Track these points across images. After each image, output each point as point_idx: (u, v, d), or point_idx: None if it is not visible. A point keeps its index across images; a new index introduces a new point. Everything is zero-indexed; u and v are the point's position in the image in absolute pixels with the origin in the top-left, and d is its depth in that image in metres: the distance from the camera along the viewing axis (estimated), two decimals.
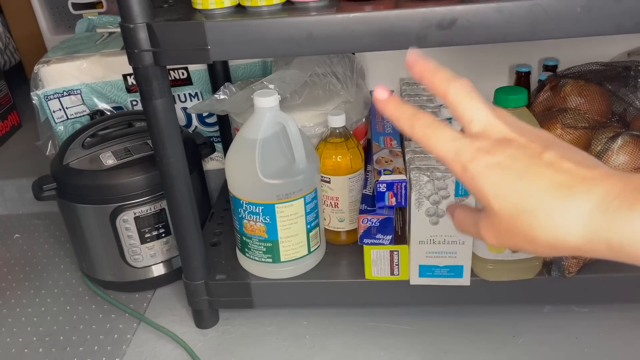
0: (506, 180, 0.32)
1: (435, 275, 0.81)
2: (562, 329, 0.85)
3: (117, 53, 1.10)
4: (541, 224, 0.31)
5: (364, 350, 0.85)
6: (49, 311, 0.99)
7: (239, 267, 0.88)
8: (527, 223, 0.32)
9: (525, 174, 0.32)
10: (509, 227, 0.33)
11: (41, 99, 1.10)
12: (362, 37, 0.64)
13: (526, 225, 0.32)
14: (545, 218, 0.31)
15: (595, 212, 0.30)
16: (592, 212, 0.30)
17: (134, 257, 0.95)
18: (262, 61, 1.10)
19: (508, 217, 0.33)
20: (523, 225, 0.32)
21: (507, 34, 0.64)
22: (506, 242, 0.34)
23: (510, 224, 0.33)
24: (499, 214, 0.33)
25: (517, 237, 0.33)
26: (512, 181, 0.32)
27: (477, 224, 0.36)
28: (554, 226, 0.31)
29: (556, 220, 0.31)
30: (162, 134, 0.73)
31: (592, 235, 0.30)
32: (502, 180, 0.32)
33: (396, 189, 0.77)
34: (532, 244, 0.32)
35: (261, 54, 0.72)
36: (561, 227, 0.31)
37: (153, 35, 0.66)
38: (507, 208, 0.32)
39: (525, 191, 0.32)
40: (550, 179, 0.31)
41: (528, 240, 0.32)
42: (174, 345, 0.88)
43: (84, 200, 0.91)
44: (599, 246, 0.30)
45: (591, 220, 0.30)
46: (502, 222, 0.33)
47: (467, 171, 0.34)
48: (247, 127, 0.79)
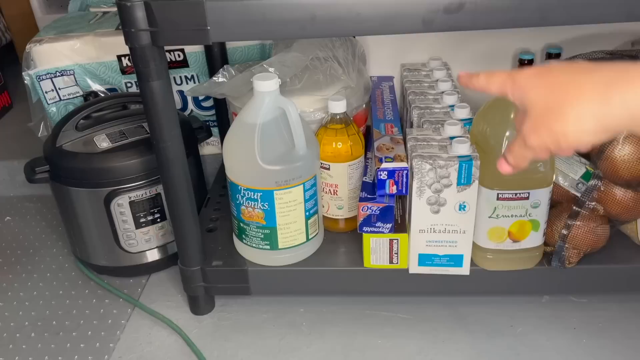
0: (544, 79, 0.43)
1: (434, 264, 0.81)
2: (560, 319, 0.85)
3: (111, 33, 1.07)
4: (569, 99, 0.40)
5: (361, 338, 0.84)
6: (42, 296, 0.97)
7: (235, 254, 0.87)
8: (558, 102, 0.40)
9: (557, 74, 0.42)
10: (546, 113, 0.41)
11: (33, 79, 1.07)
12: (367, 21, 0.63)
13: (557, 104, 0.40)
14: (572, 93, 0.40)
15: (614, 80, 0.38)
16: (611, 80, 0.38)
17: (129, 242, 0.93)
18: (260, 44, 1.08)
19: (544, 103, 0.41)
20: (554, 105, 0.41)
21: (516, 20, 0.62)
22: (543, 131, 0.42)
23: (546, 109, 0.41)
24: (537, 104, 0.42)
25: (551, 119, 0.41)
26: (549, 78, 0.42)
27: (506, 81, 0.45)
28: (579, 96, 0.39)
29: (582, 92, 0.39)
30: (159, 117, 0.71)
31: (610, 99, 0.38)
32: (541, 79, 0.43)
33: (397, 177, 0.76)
34: (563, 122, 0.40)
35: (262, 36, 0.70)
36: (586, 95, 0.39)
37: (151, 14, 0.64)
38: (543, 95, 0.42)
39: (559, 83, 0.41)
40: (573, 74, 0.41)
41: (560, 120, 0.40)
42: (169, 332, 0.87)
43: (77, 184, 0.89)
44: (617, 110, 0.38)
45: (609, 88, 0.38)
46: (539, 112, 0.42)
47: (515, 82, 0.44)
48: (246, 112, 0.78)
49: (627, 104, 0.37)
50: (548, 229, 0.80)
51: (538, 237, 0.79)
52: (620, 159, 0.74)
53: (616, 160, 0.75)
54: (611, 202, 0.78)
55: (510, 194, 0.75)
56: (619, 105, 0.37)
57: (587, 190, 0.78)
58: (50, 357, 0.84)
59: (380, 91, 1.00)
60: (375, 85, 1.02)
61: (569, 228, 0.78)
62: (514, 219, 0.77)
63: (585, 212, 0.78)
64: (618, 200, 0.78)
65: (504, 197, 0.75)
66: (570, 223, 0.78)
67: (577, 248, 0.79)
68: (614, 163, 0.75)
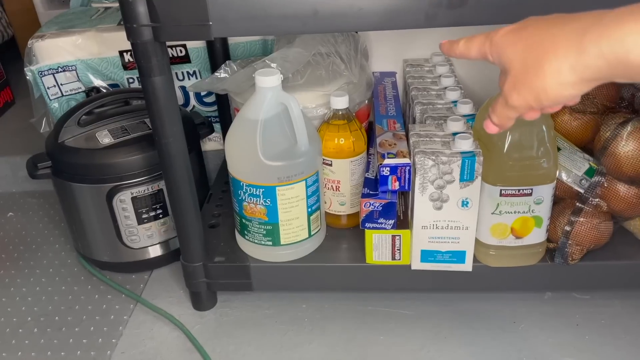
0: (520, 35, 0.42)
1: (437, 261, 0.80)
2: (562, 315, 0.85)
3: (113, 29, 1.07)
4: (546, 54, 0.39)
5: (363, 334, 0.84)
6: (44, 291, 0.97)
7: (237, 250, 0.87)
8: (535, 58, 0.40)
9: (532, 29, 0.42)
10: (524, 70, 0.41)
11: (35, 75, 1.07)
12: (370, 16, 0.62)
13: (534, 60, 0.40)
14: (548, 47, 0.39)
15: (588, 29, 0.37)
16: (585, 30, 0.38)
17: (131, 238, 0.94)
18: (262, 39, 1.07)
19: (521, 60, 0.41)
20: (532, 62, 0.40)
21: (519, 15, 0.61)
22: (523, 89, 0.41)
23: (524, 66, 0.41)
24: (515, 62, 0.42)
25: (530, 76, 0.41)
26: (524, 35, 0.42)
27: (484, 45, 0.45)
28: (555, 50, 0.39)
29: (557, 46, 0.39)
30: (161, 112, 0.71)
31: (586, 49, 0.37)
32: (517, 36, 0.43)
33: (400, 173, 0.76)
34: (542, 77, 0.40)
35: (265, 31, 0.70)
36: (562, 48, 0.39)
37: (153, 10, 0.64)
38: (520, 53, 0.41)
39: (535, 39, 0.41)
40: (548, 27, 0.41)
41: (539, 75, 0.40)
42: (171, 327, 0.88)
43: (79, 180, 0.89)
44: (594, 60, 0.37)
45: (584, 38, 0.38)
46: (518, 70, 0.42)
47: (492, 42, 0.44)
48: (248, 108, 0.77)
49: (602, 53, 0.37)
50: (551, 226, 0.80)
51: (541, 233, 0.79)
52: (623, 155, 0.74)
53: (620, 156, 0.74)
54: (614, 199, 0.78)
55: (513, 190, 0.74)
56: (595, 55, 0.37)
57: (591, 186, 0.78)
58: (52, 352, 0.85)
59: (382, 87, 0.99)
60: (378, 81, 1.01)
61: (572, 224, 0.78)
62: (516, 215, 0.76)
63: (589, 209, 0.78)
64: (621, 197, 0.77)
65: (507, 193, 0.75)
66: (573, 219, 0.78)
67: (580, 244, 0.79)
68: (618, 159, 0.75)
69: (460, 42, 0.48)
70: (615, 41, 0.36)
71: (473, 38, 0.47)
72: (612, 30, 0.36)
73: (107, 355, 0.83)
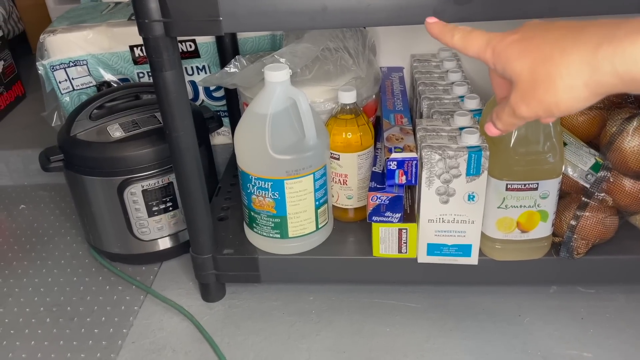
0: (527, 48, 0.40)
1: (443, 254, 0.81)
2: (567, 309, 0.86)
3: (123, 24, 1.08)
4: (557, 69, 0.38)
5: (369, 326, 0.85)
6: (56, 282, 0.99)
7: (246, 242, 0.89)
8: (545, 73, 0.39)
9: (539, 41, 0.40)
10: (534, 84, 0.40)
11: (47, 69, 1.08)
12: (378, 11, 0.63)
13: (545, 75, 0.39)
14: (559, 62, 0.38)
15: (601, 44, 0.36)
16: (598, 45, 0.36)
17: (141, 230, 0.95)
18: (271, 34, 1.08)
19: (530, 74, 0.40)
20: (542, 77, 0.39)
21: (526, 10, 0.62)
22: (533, 102, 0.40)
23: (533, 80, 0.40)
24: (523, 75, 0.40)
25: (540, 90, 0.39)
26: (531, 47, 0.40)
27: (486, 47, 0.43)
28: (567, 66, 0.38)
29: (570, 61, 0.38)
30: (172, 106, 0.72)
31: (600, 67, 0.36)
32: (524, 48, 0.41)
33: (407, 167, 0.77)
34: (553, 92, 0.39)
35: (274, 27, 0.71)
36: (575, 64, 0.37)
37: (164, 5, 0.65)
38: (529, 66, 0.40)
39: (544, 52, 0.39)
40: (557, 40, 0.39)
41: (550, 91, 0.39)
42: (180, 318, 0.89)
43: (91, 172, 0.91)
44: (608, 77, 0.36)
45: (597, 54, 0.36)
46: (526, 83, 0.40)
47: (495, 51, 0.42)
48: (257, 102, 0.78)
49: (616, 71, 0.36)
50: (557, 220, 0.81)
51: (547, 227, 0.79)
52: (629, 150, 0.74)
53: (625, 151, 0.75)
54: (620, 193, 0.78)
55: (519, 185, 0.75)
56: (609, 73, 0.36)
57: (596, 181, 0.78)
58: (65, 341, 0.86)
59: (390, 82, 1.00)
60: (385, 76, 1.02)
61: (578, 219, 0.79)
62: (522, 209, 0.77)
63: (594, 203, 0.79)
64: (627, 192, 0.78)
65: (513, 187, 0.75)
66: (579, 214, 0.79)
67: (585, 239, 0.79)
68: (623, 154, 0.75)
69: (455, 34, 0.45)
70: (629, 60, 0.35)
71: (471, 37, 0.44)
72: (626, 46, 0.35)
73: (118, 345, 0.85)
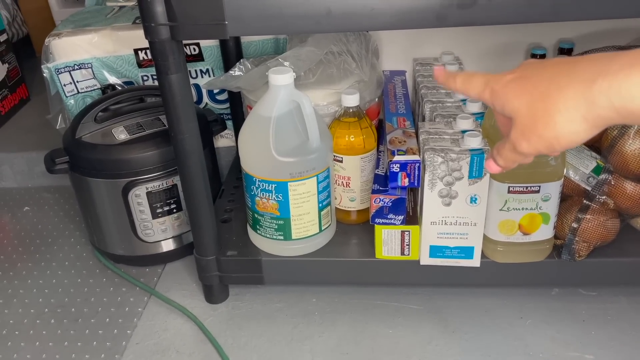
0: (524, 86, 0.41)
1: (445, 256, 0.82)
2: (569, 311, 0.86)
3: (128, 27, 1.09)
4: (555, 105, 0.39)
5: (372, 328, 0.86)
6: (60, 283, 1.00)
7: (249, 244, 0.89)
8: (544, 108, 0.40)
9: (536, 80, 0.41)
10: (533, 120, 0.40)
11: (52, 72, 1.09)
12: (382, 16, 0.64)
13: (543, 111, 0.40)
14: (557, 98, 0.39)
15: (596, 79, 0.37)
16: (593, 80, 0.37)
17: (145, 232, 0.96)
18: (274, 38, 1.09)
19: (528, 110, 0.41)
20: (541, 113, 0.40)
21: (528, 15, 0.63)
22: (533, 138, 0.41)
23: (532, 116, 0.40)
24: (521, 112, 0.41)
25: (539, 126, 0.40)
26: (528, 86, 0.41)
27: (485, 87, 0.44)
28: (565, 101, 0.38)
29: (567, 96, 0.38)
30: (177, 109, 0.73)
31: (596, 100, 0.37)
32: (521, 87, 0.42)
33: (409, 170, 0.77)
34: (553, 127, 0.39)
35: (279, 30, 0.72)
36: (572, 100, 0.38)
37: (170, 9, 0.65)
38: (527, 103, 0.41)
39: (540, 89, 0.40)
40: (552, 77, 0.40)
41: (549, 126, 0.40)
42: (184, 319, 0.90)
43: (96, 174, 0.91)
44: (605, 111, 0.37)
45: (592, 89, 0.37)
46: (526, 120, 0.41)
47: (494, 91, 0.43)
48: (261, 105, 0.79)
49: (613, 105, 0.36)
50: (558, 222, 0.81)
51: (548, 230, 0.80)
52: (630, 153, 0.75)
53: (627, 154, 0.75)
54: (621, 196, 0.79)
55: (521, 187, 0.76)
56: (606, 107, 0.37)
57: (598, 184, 0.79)
58: (69, 342, 0.87)
59: (392, 85, 1.01)
60: (388, 80, 1.03)
61: (579, 221, 0.79)
62: (524, 212, 0.78)
63: (596, 206, 0.79)
64: (628, 194, 0.78)
65: (515, 190, 0.76)
66: (580, 216, 0.79)
67: (587, 241, 0.80)
68: (625, 157, 0.76)
69: (457, 79, 0.47)
70: (625, 94, 0.36)
71: (471, 79, 0.46)
72: (621, 82, 0.36)
73: (122, 346, 0.85)
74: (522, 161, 0.45)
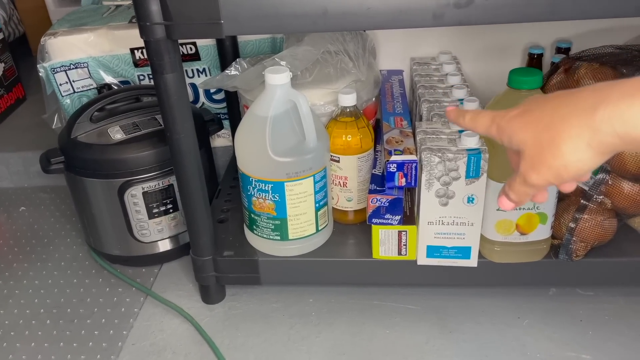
0: (528, 119, 0.43)
1: (442, 256, 0.82)
2: (566, 311, 0.86)
3: (124, 26, 1.09)
4: (560, 134, 0.40)
5: (369, 328, 0.85)
6: (56, 284, 0.99)
7: (246, 244, 0.89)
8: (549, 139, 0.40)
9: (539, 112, 0.42)
10: (540, 151, 0.41)
11: (48, 72, 1.09)
12: (378, 15, 0.63)
13: (549, 141, 0.40)
14: (561, 128, 0.40)
15: (598, 107, 0.38)
16: (595, 108, 0.38)
17: (142, 232, 0.95)
18: (271, 37, 1.09)
19: (535, 142, 0.42)
20: (547, 143, 0.41)
21: (526, 14, 0.63)
22: (542, 169, 0.42)
23: (539, 147, 0.41)
24: (528, 144, 0.42)
25: (547, 156, 0.41)
26: (532, 119, 0.42)
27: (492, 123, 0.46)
28: (569, 130, 0.39)
29: (571, 126, 0.39)
30: (173, 109, 0.73)
31: (599, 128, 0.38)
32: (526, 120, 0.43)
33: (406, 170, 0.77)
34: (560, 156, 0.40)
35: (275, 30, 0.71)
36: (575, 128, 0.39)
37: (165, 8, 0.65)
38: (532, 135, 0.42)
39: (544, 121, 0.41)
40: (555, 108, 0.41)
41: (557, 155, 0.40)
42: (180, 320, 0.89)
43: (92, 174, 0.91)
44: (609, 138, 0.38)
45: (595, 117, 0.38)
46: (533, 151, 0.42)
47: (500, 127, 0.45)
48: (257, 104, 0.79)
49: (616, 132, 0.37)
50: (556, 222, 0.81)
51: (546, 230, 0.80)
52: (627, 153, 0.75)
53: (624, 154, 0.75)
54: (619, 196, 0.79)
55: None
56: (609, 134, 0.37)
57: (595, 184, 0.79)
58: (65, 343, 0.87)
59: (390, 85, 1.00)
60: (385, 79, 1.03)
61: (577, 221, 0.79)
62: (521, 211, 0.77)
63: (593, 206, 0.79)
64: (625, 194, 0.78)
65: None
66: (577, 216, 0.79)
67: (584, 241, 0.80)
68: (622, 157, 0.75)
69: (466, 116, 0.49)
70: (628, 123, 0.36)
71: (478, 117, 0.48)
72: (623, 110, 0.37)
73: (118, 347, 0.85)
74: (534, 194, 0.45)
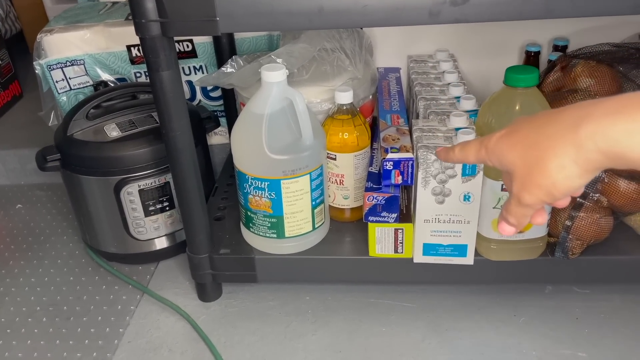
0: (515, 139, 0.43)
1: (439, 254, 0.82)
2: (563, 309, 0.86)
3: (121, 24, 1.08)
4: (545, 152, 0.40)
5: (365, 326, 0.85)
6: (52, 281, 0.99)
7: (242, 242, 0.89)
8: (536, 158, 0.41)
9: (525, 131, 0.43)
10: (528, 170, 0.41)
11: (44, 69, 1.08)
12: (374, 12, 0.63)
13: (535, 160, 0.41)
14: (546, 146, 0.40)
15: (581, 124, 0.38)
16: (578, 125, 0.38)
17: (138, 230, 0.95)
18: (268, 35, 1.08)
19: (523, 162, 0.42)
20: (534, 162, 0.41)
21: (522, 12, 0.63)
22: (533, 188, 0.41)
23: (527, 167, 0.41)
24: (517, 164, 0.42)
25: (536, 175, 0.41)
26: (519, 138, 0.43)
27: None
28: (554, 148, 0.39)
29: (556, 144, 0.39)
30: (169, 106, 0.72)
31: (583, 145, 0.38)
32: (512, 140, 0.43)
33: (403, 167, 0.77)
34: (548, 175, 0.40)
35: (271, 27, 0.71)
36: (560, 146, 0.39)
37: (161, 5, 0.65)
38: (520, 155, 0.42)
39: (530, 140, 0.42)
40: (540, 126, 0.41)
41: (544, 173, 0.40)
42: (177, 318, 0.89)
43: (88, 172, 0.91)
44: (593, 155, 0.37)
45: (578, 134, 0.38)
46: (522, 171, 0.42)
47: (488, 149, 0.45)
48: (253, 102, 0.79)
49: (599, 149, 0.37)
50: (552, 220, 0.81)
51: (542, 228, 0.80)
52: None
53: None
54: (615, 194, 0.79)
55: None
56: (594, 150, 0.37)
57: (591, 182, 0.79)
58: (61, 341, 0.86)
59: (386, 82, 1.00)
60: (382, 77, 1.02)
61: (573, 219, 0.79)
62: None
63: (589, 204, 0.79)
64: (622, 192, 0.78)
65: None
66: (574, 214, 0.79)
67: (580, 239, 0.80)
68: None
69: (455, 149, 0.49)
70: (610, 140, 0.36)
71: (467, 145, 0.48)
72: (605, 127, 0.37)
73: (115, 345, 0.85)
74: (530, 213, 0.45)
